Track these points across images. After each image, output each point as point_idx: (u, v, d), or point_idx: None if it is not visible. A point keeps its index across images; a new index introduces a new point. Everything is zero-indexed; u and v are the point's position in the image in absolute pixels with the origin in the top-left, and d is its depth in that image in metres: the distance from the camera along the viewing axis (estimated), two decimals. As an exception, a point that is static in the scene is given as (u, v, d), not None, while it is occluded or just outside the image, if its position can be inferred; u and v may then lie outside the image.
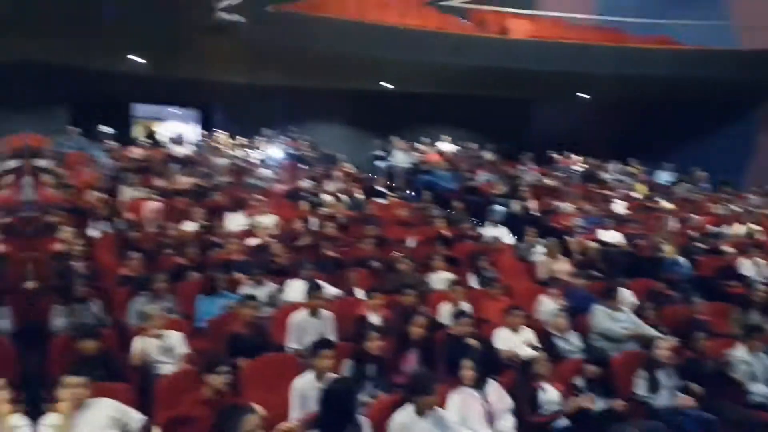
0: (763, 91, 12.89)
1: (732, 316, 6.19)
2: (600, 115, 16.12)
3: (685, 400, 4.59)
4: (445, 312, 5.66)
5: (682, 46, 13.02)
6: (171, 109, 16.17)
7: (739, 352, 5.16)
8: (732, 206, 10.63)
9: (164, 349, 4.63)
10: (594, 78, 12.65)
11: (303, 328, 5.10)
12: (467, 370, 4.11)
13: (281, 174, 10.75)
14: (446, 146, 14.16)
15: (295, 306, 5.46)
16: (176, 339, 4.72)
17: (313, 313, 5.18)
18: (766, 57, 12.34)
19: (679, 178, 12.73)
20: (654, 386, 4.70)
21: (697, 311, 6.01)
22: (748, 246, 8.05)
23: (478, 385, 4.10)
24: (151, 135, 13.29)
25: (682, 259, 7.57)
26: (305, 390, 3.99)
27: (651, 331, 5.48)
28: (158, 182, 9.20)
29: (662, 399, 4.64)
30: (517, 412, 4.19)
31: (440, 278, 6.52)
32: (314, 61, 11.44)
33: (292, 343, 5.08)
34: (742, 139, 13.28)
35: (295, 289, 5.87)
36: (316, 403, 3.75)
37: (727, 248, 8.07)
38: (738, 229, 9.18)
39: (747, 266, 7.53)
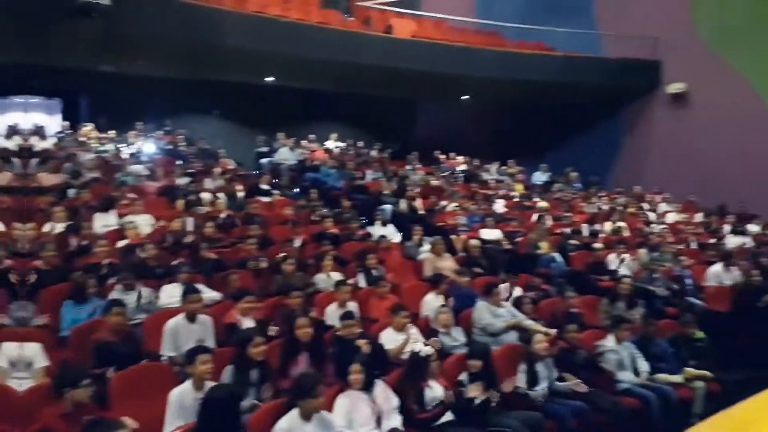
0: (626, 96, 13.88)
1: (601, 308, 6.55)
2: (481, 117, 16.69)
3: (579, 387, 4.81)
4: (332, 313, 5.54)
5: (555, 53, 13.73)
6: (31, 99, 14.81)
7: (609, 342, 5.46)
8: (600, 204, 11.32)
9: (19, 362, 4.15)
10: (475, 80, 13.03)
11: (179, 335, 4.79)
12: (355, 373, 4.03)
13: (155, 170, 10.14)
14: (333, 144, 14.06)
15: (170, 311, 5.12)
16: (33, 351, 4.25)
17: (190, 318, 4.88)
18: (628, 65, 13.33)
19: (553, 178, 13.41)
20: (533, 378, 4.85)
21: (570, 305, 6.29)
22: (615, 242, 8.58)
23: (366, 386, 4.03)
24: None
25: (557, 255, 7.94)
26: (183, 400, 3.78)
27: (531, 324, 5.66)
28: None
29: (540, 390, 4.81)
30: (404, 410, 4.16)
31: (328, 278, 6.39)
32: (192, 51, 10.88)
33: (168, 351, 4.74)
34: (609, 142, 14.24)
35: (171, 294, 5.52)
36: (194, 413, 3.52)
37: (598, 244, 8.56)
38: (606, 226, 9.77)
39: (614, 261, 8.02)
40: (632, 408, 4.97)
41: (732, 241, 9.30)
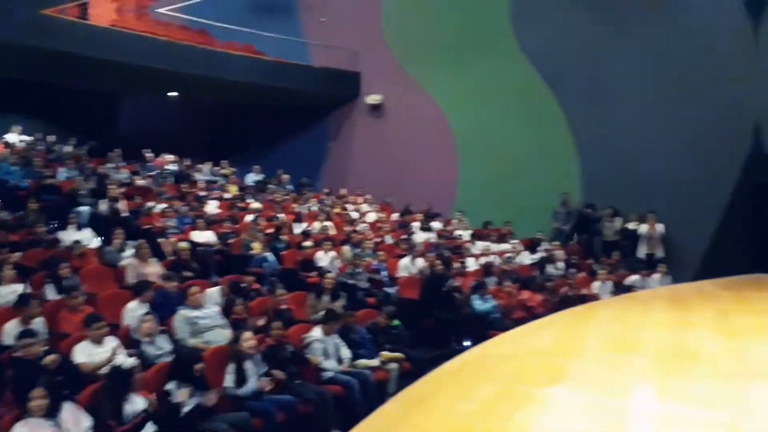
0: (331, 103, 14.75)
1: (309, 303, 6.87)
2: (193, 115, 16.21)
3: (264, 384, 4.90)
4: (10, 331, 4.85)
5: (264, 57, 13.95)
6: None
7: (315, 333, 5.75)
8: (310, 205, 11.85)
9: None
10: (182, 77, 12.56)
11: None
12: (37, 398, 3.57)
13: None
14: (16, 137, 12.32)
15: None
16: None
17: None
18: (332, 74, 14.21)
19: (266, 180, 13.61)
20: (241, 377, 4.88)
21: (279, 301, 6.47)
22: (322, 240, 9.07)
23: (51, 412, 3.60)
24: None
25: (269, 255, 8.10)
26: None
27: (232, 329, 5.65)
28: None
29: (249, 388, 4.86)
30: (100, 429, 3.85)
31: (7, 291, 5.66)
32: None
33: None
34: (318, 145, 15.00)
35: None
36: None
37: (307, 243, 8.94)
38: (315, 225, 10.27)
39: (322, 258, 8.48)
40: (336, 395, 5.29)
41: (421, 237, 10.53)
